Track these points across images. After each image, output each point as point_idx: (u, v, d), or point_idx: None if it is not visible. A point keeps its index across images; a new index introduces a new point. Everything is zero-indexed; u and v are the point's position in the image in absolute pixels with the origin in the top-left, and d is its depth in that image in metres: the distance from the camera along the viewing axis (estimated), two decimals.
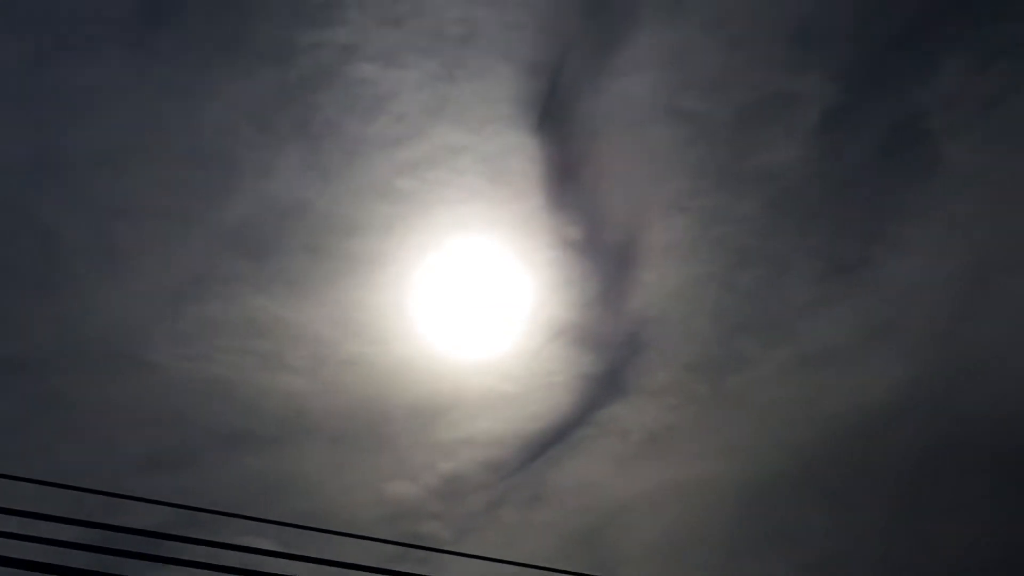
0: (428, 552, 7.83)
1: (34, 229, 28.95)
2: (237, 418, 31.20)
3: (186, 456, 31.05)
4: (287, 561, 6.82)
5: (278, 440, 31.48)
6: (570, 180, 30.73)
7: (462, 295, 30.62)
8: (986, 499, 29.86)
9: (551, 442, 31.73)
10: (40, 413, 29.65)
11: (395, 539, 7.62)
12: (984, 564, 28.22)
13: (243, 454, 31.63)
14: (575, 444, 31.83)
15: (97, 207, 29.36)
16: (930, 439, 31.10)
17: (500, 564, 7.79)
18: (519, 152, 29.65)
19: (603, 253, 31.47)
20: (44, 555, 5.82)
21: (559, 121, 30.16)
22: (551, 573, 7.70)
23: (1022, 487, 29.16)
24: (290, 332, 30.48)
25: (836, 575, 29.60)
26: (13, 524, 5.99)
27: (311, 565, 6.86)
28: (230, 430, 31.42)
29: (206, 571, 6.28)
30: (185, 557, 6.35)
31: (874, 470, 31.10)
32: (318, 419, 31.22)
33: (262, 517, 7.22)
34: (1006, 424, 29.61)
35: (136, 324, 30.08)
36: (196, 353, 29.86)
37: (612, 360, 32.03)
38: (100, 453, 30.02)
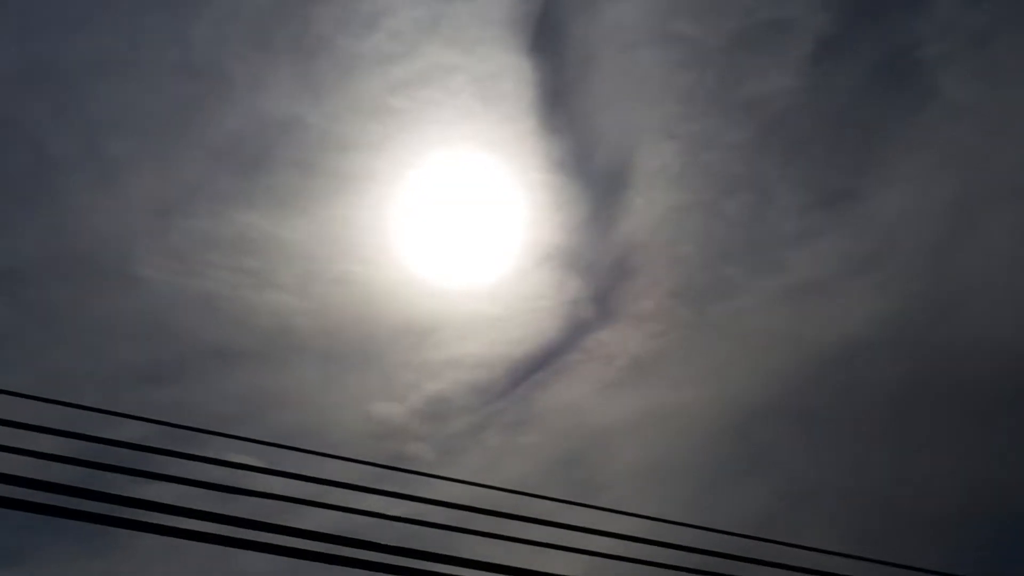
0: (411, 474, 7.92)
1: (23, 141, 28.85)
2: (226, 334, 31.34)
3: (175, 370, 31.24)
4: (272, 477, 6.90)
5: (266, 356, 31.65)
6: (562, 103, 30.67)
7: (452, 216, 30.66)
8: (966, 428, 30.20)
9: (536, 366, 31.95)
10: (28, 324, 29.75)
11: (379, 459, 7.70)
12: (962, 492, 28.59)
13: (231, 369, 31.82)
14: (560, 369, 32.06)
15: (86, 119, 29.25)
16: (913, 370, 31.37)
17: (482, 486, 7.88)
18: (511, 73, 29.55)
19: (593, 177, 31.49)
20: (28, 467, 5.90)
21: (552, 44, 30.04)
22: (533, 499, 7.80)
23: (1001, 418, 29.48)
24: (280, 249, 30.54)
25: (815, 501, 29.96)
26: None
27: (295, 482, 6.94)
28: (219, 345, 31.58)
29: (191, 486, 6.36)
30: (170, 472, 6.42)
31: (856, 400, 31.41)
32: (306, 336, 31.37)
33: (248, 437, 7.29)
34: (988, 355, 29.84)
35: (125, 238, 30.10)
36: (185, 268, 29.91)
37: (599, 285, 32.18)
38: (88, 365, 30.18)
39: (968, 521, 27.90)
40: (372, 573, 6.21)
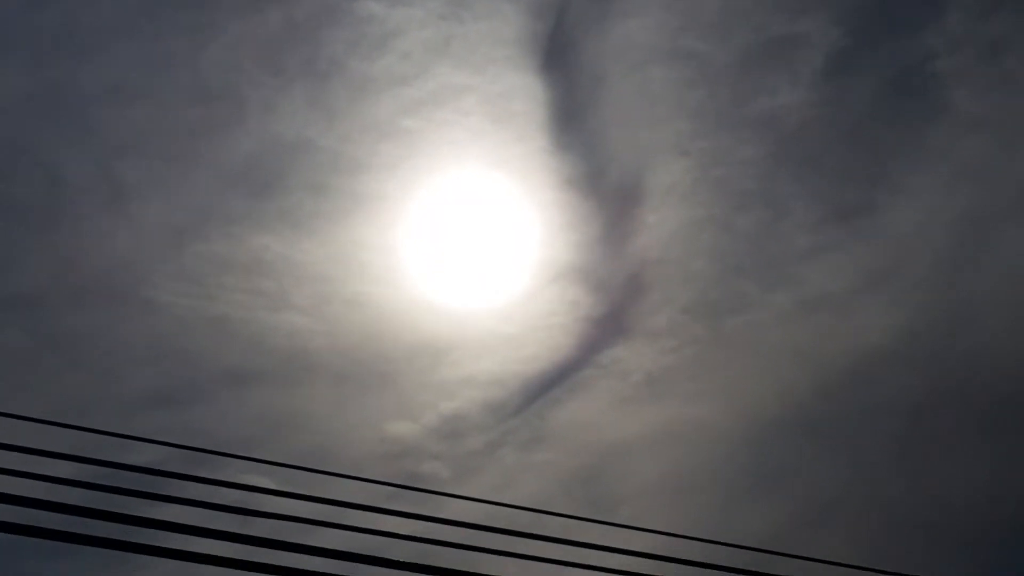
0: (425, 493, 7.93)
1: (38, 167, 29.01)
2: (240, 356, 31.38)
3: (190, 393, 31.28)
4: (285, 500, 6.91)
5: (281, 378, 31.67)
6: (573, 121, 30.72)
7: (465, 236, 30.69)
8: (980, 442, 30.07)
9: (551, 383, 31.89)
10: (44, 349, 29.84)
11: (395, 478, 7.72)
12: (977, 506, 28.47)
13: (246, 392, 31.85)
14: (575, 385, 32.02)
15: (101, 145, 29.41)
16: (927, 383, 31.27)
17: (498, 504, 7.89)
18: (523, 93, 29.63)
19: (605, 195, 31.51)
20: (44, 492, 5.92)
21: (563, 63, 30.12)
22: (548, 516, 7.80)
23: (1015, 431, 29.36)
24: (294, 271, 30.61)
25: (832, 515, 29.86)
26: (13, 460, 6.08)
27: (310, 503, 6.95)
28: (234, 368, 31.62)
29: (206, 509, 6.37)
30: (185, 496, 6.43)
31: (871, 413, 31.29)
32: (321, 358, 31.39)
33: (261, 458, 7.31)
34: (1004, 368, 29.75)
35: (140, 262, 30.19)
36: (199, 291, 29.97)
37: (612, 302, 32.15)
38: (103, 389, 30.24)
39: (985, 534, 27.78)
40: None
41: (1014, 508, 27.39)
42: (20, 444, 6.24)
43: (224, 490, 6.59)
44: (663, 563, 7.51)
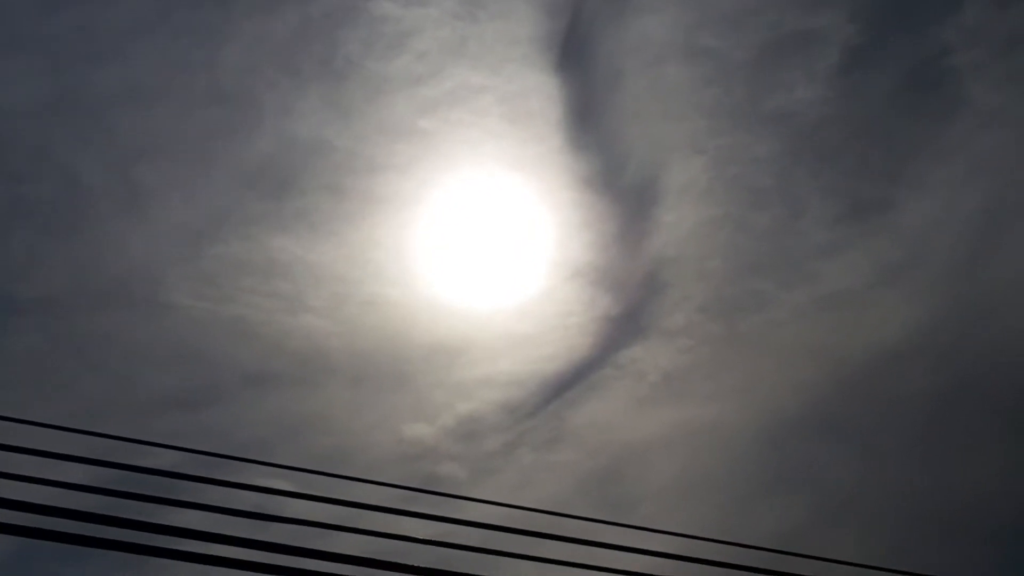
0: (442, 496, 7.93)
1: (54, 170, 29.10)
2: (258, 358, 31.44)
3: (209, 396, 31.35)
4: (303, 503, 6.92)
5: (299, 380, 31.71)
6: (589, 120, 30.70)
7: (481, 235, 30.70)
8: (1000, 438, 29.95)
9: (568, 383, 31.86)
10: (63, 353, 29.95)
11: (412, 480, 7.73)
12: (998, 503, 28.36)
13: (265, 394, 31.91)
14: (592, 385, 31.98)
15: (118, 147, 29.48)
16: (945, 380, 31.18)
17: (517, 507, 7.89)
18: (538, 92, 29.62)
19: (621, 193, 31.47)
20: (61, 498, 5.93)
21: (578, 61, 30.09)
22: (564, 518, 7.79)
23: None
24: (311, 272, 30.64)
25: (850, 514, 29.78)
26: (31, 466, 6.10)
27: (327, 506, 6.95)
28: (252, 370, 31.68)
29: (223, 513, 6.38)
30: (201, 500, 6.44)
31: (889, 411, 31.20)
32: (338, 359, 31.42)
33: (280, 463, 7.32)
34: (1020, 364, 29.63)
35: (157, 265, 30.26)
36: (217, 294, 30.04)
37: (629, 301, 32.09)
38: (121, 393, 30.32)
39: (1006, 531, 27.68)
40: None
41: None
42: (37, 448, 6.26)
43: (241, 493, 6.61)
44: (681, 563, 7.50)
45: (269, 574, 5.93)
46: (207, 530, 5.98)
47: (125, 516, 5.81)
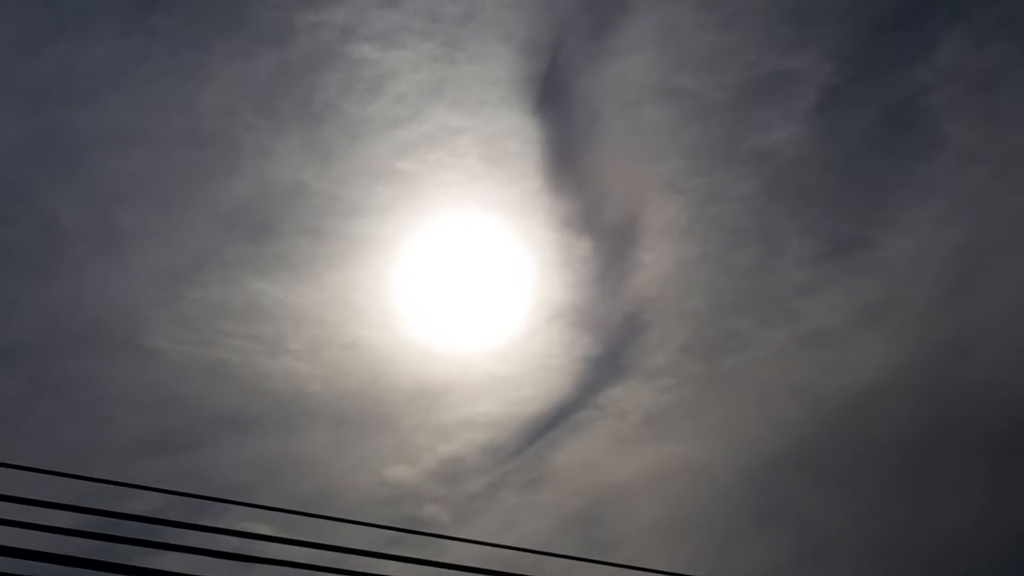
0: (425, 536, 7.90)
1: (32, 213, 29.02)
2: (238, 402, 31.28)
3: (188, 439, 31.14)
4: (285, 546, 6.87)
5: (279, 423, 31.54)
6: (568, 161, 30.78)
7: (461, 277, 30.68)
8: (982, 478, 29.99)
9: (550, 424, 31.76)
10: (40, 397, 29.74)
11: (395, 522, 7.69)
12: (979, 542, 28.36)
13: (245, 437, 31.72)
14: (574, 426, 31.89)
15: (96, 190, 29.44)
16: (927, 419, 31.21)
17: (499, 547, 7.86)
18: (517, 133, 29.69)
19: (601, 234, 31.52)
20: (39, 543, 5.88)
21: (557, 102, 30.21)
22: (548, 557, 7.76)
23: (1017, 463, 29.28)
24: (291, 315, 30.54)
25: (834, 555, 29.73)
26: (8, 511, 6.04)
27: (309, 549, 6.91)
28: (231, 414, 31.51)
29: (205, 556, 6.33)
30: (183, 542, 6.39)
31: (872, 450, 31.21)
32: (319, 402, 31.27)
33: (260, 504, 7.28)
34: (1004, 401, 29.71)
35: (136, 308, 30.12)
36: (197, 337, 29.91)
37: (610, 341, 32.07)
38: (101, 437, 30.11)
39: (989, 567, 27.66)
40: None
41: (1017, 541, 27.28)
42: (17, 495, 6.20)
43: (223, 537, 6.56)
44: None
45: None
46: (189, 573, 5.93)
47: (106, 559, 5.75)
